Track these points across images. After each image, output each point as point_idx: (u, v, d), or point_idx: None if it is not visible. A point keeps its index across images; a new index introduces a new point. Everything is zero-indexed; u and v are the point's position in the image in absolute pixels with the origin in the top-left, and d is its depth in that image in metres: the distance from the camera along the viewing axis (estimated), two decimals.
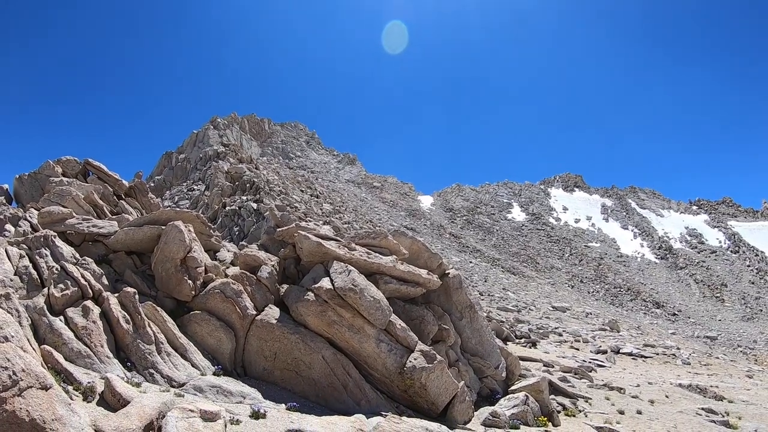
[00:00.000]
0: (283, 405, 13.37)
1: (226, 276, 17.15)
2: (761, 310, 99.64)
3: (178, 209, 19.51)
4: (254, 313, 15.81)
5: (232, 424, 10.70)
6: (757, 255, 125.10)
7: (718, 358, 52.75)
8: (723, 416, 21.24)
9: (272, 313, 15.84)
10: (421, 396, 15.05)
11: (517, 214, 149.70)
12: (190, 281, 16.32)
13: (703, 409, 22.30)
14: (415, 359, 15.00)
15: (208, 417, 10.02)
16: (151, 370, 13.37)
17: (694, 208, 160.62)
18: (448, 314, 19.46)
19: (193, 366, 14.31)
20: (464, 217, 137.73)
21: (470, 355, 19.70)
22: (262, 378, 15.30)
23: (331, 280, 15.40)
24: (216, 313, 15.86)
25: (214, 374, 14.35)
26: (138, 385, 12.00)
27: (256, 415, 11.54)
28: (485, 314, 38.09)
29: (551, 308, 68.84)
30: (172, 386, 12.97)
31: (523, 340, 36.49)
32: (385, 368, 14.94)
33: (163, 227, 17.49)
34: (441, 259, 20.67)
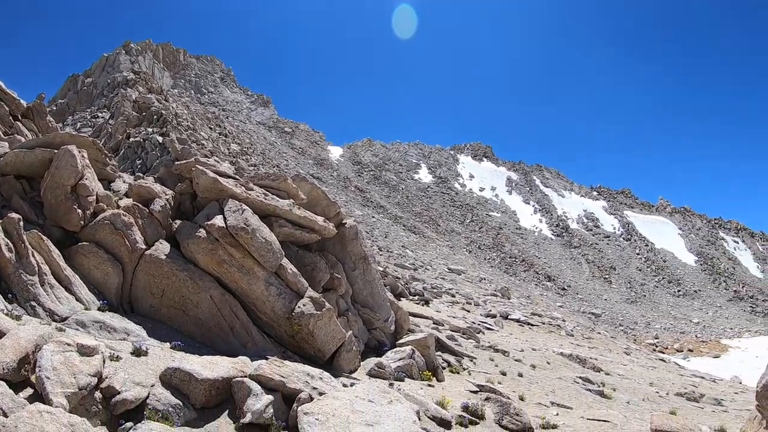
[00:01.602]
0: (168, 344, 13.15)
1: (119, 207, 16.39)
2: (644, 296, 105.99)
3: (74, 133, 18.48)
4: (144, 247, 15.31)
5: (111, 360, 10.46)
6: (647, 245, 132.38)
7: (600, 333, 55.66)
8: (599, 386, 22.37)
9: (162, 248, 15.38)
10: (308, 342, 15.13)
11: (424, 175, 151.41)
12: (79, 210, 15.47)
13: (581, 377, 23.40)
14: (304, 305, 15.02)
15: (86, 351, 9.74)
16: (33, 303, 12.76)
17: (595, 193, 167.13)
18: (342, 264, 19.49)
19: (77, 300, 13.78)
20: (372, 172, 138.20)
21: (361, 306, 19.87)
22: (148, 315, 14.98)
23: (224, 219, 15.05)
24: (104, 245, 15.22)
25: (98, 309, 13.89)
26: (18, 318, 11.49)
27: (138, 352, 11.31)
28: (382, 269, 38.49)
29: (447, 270, 70.40)
30: (54, 320, 12.47)
31: (416, 298, 37.01)
32: (273, 312, 14.89)
33: (56, 151, 16.44)
34: (339, 208, 20.58)
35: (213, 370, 10.77)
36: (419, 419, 11.50)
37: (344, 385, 12.91)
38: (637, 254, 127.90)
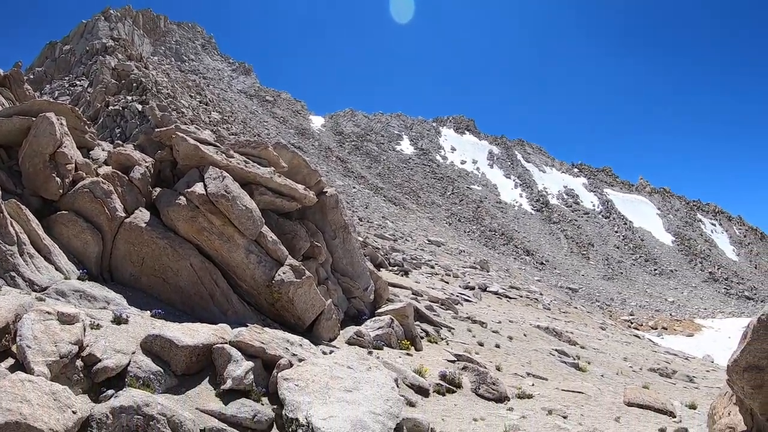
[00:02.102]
0: (148, 312, 13.20)
1: (98, 175, 16.21)
2: (621, 273, 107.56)
3: (52, 100, 18.19)
4: (123, 215, 15.18)
5: (92, 328, 10.47)
6: (625, 224, 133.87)
7: (576, 308, 56.36)
8: (574, 359, 22.81)
9: (142, 216, 15.28)
10: (288, 310, 15.25)
11: (406, 146, 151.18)
12: (58, 179, 15.28)
13: (556, 350, 23.78)
14: (284, 273, 15.09)
15: (66, 319, 9.74)
16: (12, 273, 12.61)
17: (575, 170, 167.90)
18: (322, 232, 19.50)
19: (57, 269, 13.65)
20: (353, 143, 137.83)
21: (340, 275, 19.96)
22: (128, 284, 14.93)
23: (205, 186, 14.98)
24: (84, 213, 15.06)
25: (78, 278, 13.80)
26: None
27: (118, 320, 11.35)
28: (362, 239, 38.59)
29: (427, 241, 70.76)
30: (34, 290, 12.36)
31: (396, 268, 37.12)
32: (253, 280, 14.96)
33: (34, 119, 16.16)
34: (320, 176, 20.55)
35: (193, 337, 10.85)
36: (398, 386, 11.72)
37: (324, 353, 13.09)
38: (616, 232, 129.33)
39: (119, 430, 8.17)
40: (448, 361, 17.24)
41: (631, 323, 74.99)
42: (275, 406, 10.30)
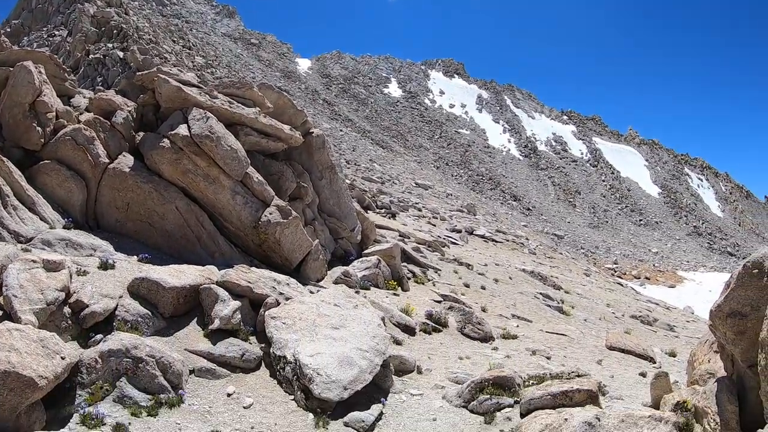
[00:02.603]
0: (135, 257, 13.26)
1: (79, 122, 15.97)
2: (607, 222, 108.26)
3: (29, 49, 17.81)
4: (107, 161, 15.05)
5: (78, 274, 10.53)
6: (613, 173, 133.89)
7: (561, 254, 56.75)
8: (558, 303, 23.17)
9: (126, 161, 15.14)
10: (275, 251, 15.31)
11: (394, 89, 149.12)
12: (39, 128, 15.04)
13: (541, 293, 24.12)
14: (270, 213, 15.09)
15: (52, 267, 9.78)
16: None
17: (565, 117, 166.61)
18: (309, 173, 19.35)
19: (41, 219, 13.61)
20: (340, 86, 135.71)
21: (327, 216, 19.92)
22: (114, 230, 14.92)
23: (189, 127, 14.77)
24: (66, 162, 14.91)
25: (64, 227, 13.80)
26: None
27: (105, 266, 11.42)
28: (349, 182, 38.50)
29: (414, 184, 70.64)
30: (20, 242, 12.36)
31: (383, 211, 37.00)
32: (240, 221, 14.98)
33: (12, 69, 15.78)
34: (306, 117, 20.30)
35: (180, 278, 10.93)
36: (384, 325, 11.90)
37: (311, 293, 13.21)
38: (603, 181, 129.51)
39: (109, 374, 8.31)
40: (435, 301, 17.47)
41: (615, 271, 75.84)
42: (263, 345, 10.48)
